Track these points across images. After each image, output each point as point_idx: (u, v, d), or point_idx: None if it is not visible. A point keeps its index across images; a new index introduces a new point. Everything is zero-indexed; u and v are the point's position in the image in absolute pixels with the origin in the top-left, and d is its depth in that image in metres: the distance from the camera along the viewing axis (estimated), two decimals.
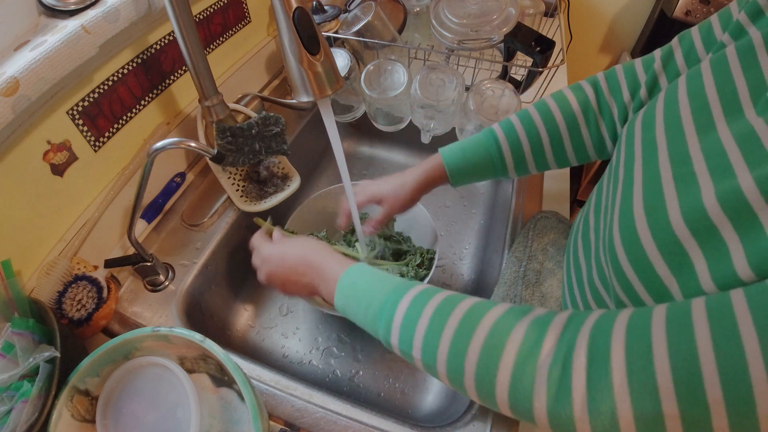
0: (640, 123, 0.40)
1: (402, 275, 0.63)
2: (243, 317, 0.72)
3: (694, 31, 0.42)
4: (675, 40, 0.44)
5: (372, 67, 0.73)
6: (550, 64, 0.73)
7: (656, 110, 0.38)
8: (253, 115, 0.70)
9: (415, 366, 0.37)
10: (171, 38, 0.65)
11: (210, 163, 0.69)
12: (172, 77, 0.68)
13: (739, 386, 0.22)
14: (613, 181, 0.42)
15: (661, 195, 0.32)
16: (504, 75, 0.82)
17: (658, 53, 0.46)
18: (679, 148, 0.33)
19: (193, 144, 0.48)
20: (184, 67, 0.69)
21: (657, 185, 0.33)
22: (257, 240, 0.55)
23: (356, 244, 0.70)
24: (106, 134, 0.59)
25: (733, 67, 0.33)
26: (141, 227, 0.64)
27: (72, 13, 0.50)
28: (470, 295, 0.37)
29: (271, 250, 0.51)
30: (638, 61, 0.48)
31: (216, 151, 0.51)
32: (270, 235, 0.57)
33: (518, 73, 0.87)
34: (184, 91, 0.71)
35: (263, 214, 0.69)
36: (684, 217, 0.29)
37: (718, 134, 0.31)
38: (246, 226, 0.73)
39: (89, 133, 0.56)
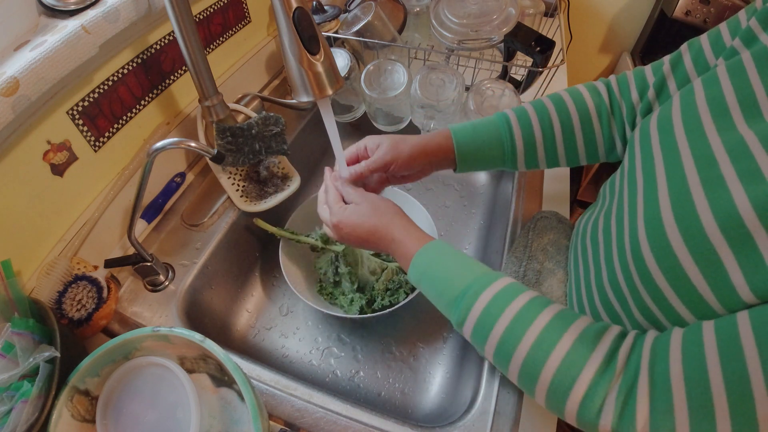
0: (656, 125, 0.40)
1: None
2: (243, 317, 0.72)
3: (703, 38, 0.43)
4: (684, 46, 0.45)
5: (372, 67, 0.73)
6: (550, 64, 0.73)
7: (672, 113, 0.38)
8: (253, 115, 0.70)
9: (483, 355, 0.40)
10: (171, 38, 0.65)
11: (210, 163, 0.69)
12: (172, 77, 0.68)
13: None
14: (629, 184, 0.42)
15: (690, 200, 0.32)
16: (504, 75, 0.81)
17: (667, 58, 0.46)
18: (703, 150, 0.33)
19: (193, 144, 0.48)
20: (184, 67, 0.69)
21: (684, 190, 0.33)
22: (323, 205, 0.54)
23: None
24: (106, 134, 0.59)
25: (750, 73, 0.34)
26: (141, 227, 0.64)
27: (72, 13, 0.50)
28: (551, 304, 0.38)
29: (342, 218, 0.49)
30: (648, 66, 0.49)
31: (216, 151, 0.51)
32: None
33: (518, 73, 0.87)
34: (184, 91, 0.71)
35: (263, 214, 0.70)
36: (718, 223, 0.29)
37: (740, 134, 0.31)
38: (246, 226, 0.73)
39: (89, 133, 0.56)
